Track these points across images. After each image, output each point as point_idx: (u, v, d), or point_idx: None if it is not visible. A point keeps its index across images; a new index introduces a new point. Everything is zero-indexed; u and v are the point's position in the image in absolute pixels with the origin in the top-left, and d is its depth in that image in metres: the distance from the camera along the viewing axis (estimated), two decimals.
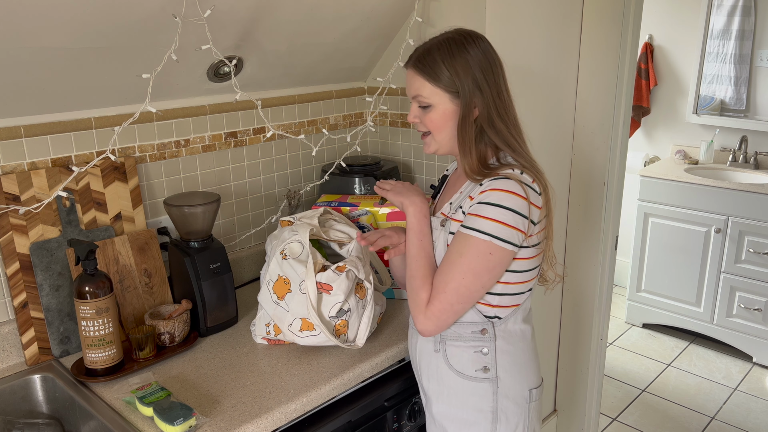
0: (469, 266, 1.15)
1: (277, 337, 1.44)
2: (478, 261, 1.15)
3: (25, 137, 1.38)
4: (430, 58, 1.19)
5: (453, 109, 1.20)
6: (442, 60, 1.18)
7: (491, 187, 1.15)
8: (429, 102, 1.21)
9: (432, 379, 1.30)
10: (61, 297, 1.43)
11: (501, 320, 1.24)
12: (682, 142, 3.76)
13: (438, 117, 1.21)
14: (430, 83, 1.19)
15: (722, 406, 2.93)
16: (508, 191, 1.14)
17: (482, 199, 1.15)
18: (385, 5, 1.75)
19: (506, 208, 1.13)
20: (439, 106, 1.20)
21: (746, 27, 3.44)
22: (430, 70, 1.18)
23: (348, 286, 1.36)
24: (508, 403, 1.25)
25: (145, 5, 1.26)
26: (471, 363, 1.24)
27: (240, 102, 1.73)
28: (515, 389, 1.26)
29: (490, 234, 1.13)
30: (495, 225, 1.13)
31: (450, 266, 1.17)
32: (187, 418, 1.14)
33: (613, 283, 2.27)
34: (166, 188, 1.66)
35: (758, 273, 3.17)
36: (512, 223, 1.13)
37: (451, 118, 1.21)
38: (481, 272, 1.16)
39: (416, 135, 1.99)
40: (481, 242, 1.14)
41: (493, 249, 1.14)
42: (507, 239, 1.14)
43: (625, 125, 2.07)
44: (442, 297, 1.18)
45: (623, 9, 1.95)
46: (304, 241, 1.40)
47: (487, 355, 1.24)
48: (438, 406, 1.30)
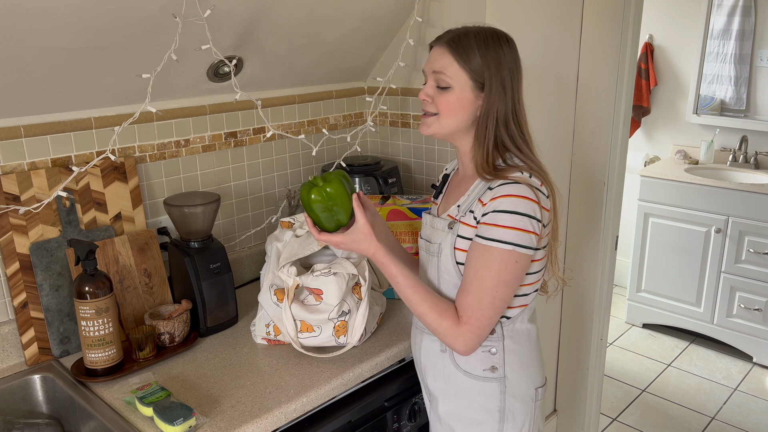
0: (500, 278, 1.14)
1: (277, 337, 1.44)
2: (506, 271, 1.14)
3: (25, 137, 1.38)
4: (465, 41, 1.16)
5: (470, 98, 1.18)
6: (477, 47, 1.16)
7: (503, 193, 1.14)
8: (450, 83, 1.17)
9: (438, 379, 1.30)
10: (61, 297, 1.43)
11: (509, 320, 1.24)
12: (682, 142, 3.76)
13: (454, 101, 1.18)
14: (459, 64, 1.16)
15: (722, 406, 2.93)
16: (521, 196, 1.13)
17: (496, 206, 1.14)
18: (385, 5, 1.74)
19: (522, 213, 1.13)
20: (459, 91, 1.17)
21: (746, 27, 3.44)
22: (463, 51, 1.16)
23: (339, 286, 1.36)
24: (515, 403, 1.26)
25: (145, 5, 1.26)
26: (479, 363, 1.24)
27: (240, 102, 1.73)
28: (522, 388, 1.26)
29: (512, 243, 1.13)
30: (515, 233, 1.13)
31: (480, 282, 1.15)
32: (187, 418, 1.14)
33: (613, 283, 2.27)
34: (166, 188, 1.66)
35: (758, 273, 3.17)
36: (529, 228, 1.13)
37: (465, 107, 1.19)
38: (510, 281, 1.16)
39: (416, 135, 1.99)
40: (506, 252, 1.13)
41: (517, 257, 1.14)
42: (527, 245, 1.14)
43: (625, 125, 2.07)
44: (480, 314, 1.16)
45: (623, 9, 1.95)
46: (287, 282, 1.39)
47: (495, 355, 1.23)
48: (445, 406, 1.30)
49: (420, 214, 1.65)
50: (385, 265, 1.21)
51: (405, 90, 1.96)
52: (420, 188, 2.04)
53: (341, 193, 1.22)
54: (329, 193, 1.21)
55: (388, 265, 1.21)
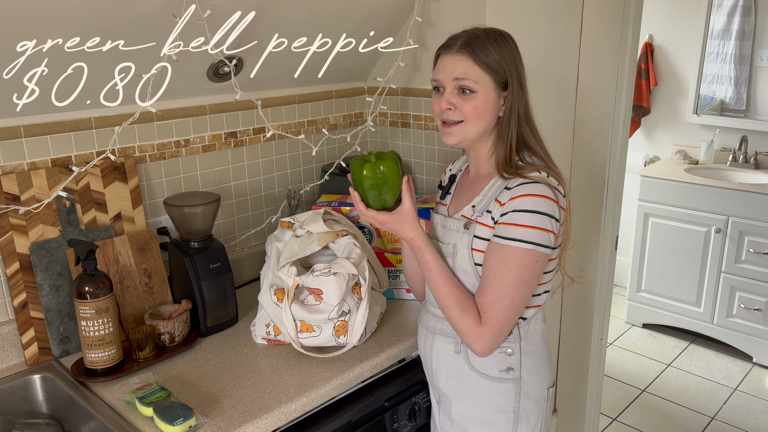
0: (520, 278, 1.14)
1: (277, 337, 1.44)
2: (526, 271, 1.14)
3: (25, 137, 1.38)
4: (480, 43, 1.15)
5: (495, 100, 1.17)
6: (492, 47, 1.15)
7: (524, 193, 1.13)
8: (475, 87, 1.15)
9: (452, 380, 1.28)
10: (61, 297, 1.43)
11: (525, 321, 1.23)
12: (682, 142, 3.76)
13: (481, 104, 1.16)
14: (481, 67, 1.14)
15: (722, 406, 2.93)
16: (542, 196, 1.13)
17: (516, 206, 1.13)
18: (385, 5, 1.74)
19: (542, 213, 1.12)
20: (484, 94, 1.16)
21: (746, 27, 3.44)
22: (482, 53, 1.14)
23: (339, 286, 1.36)
24: (528, 403, 1.25)
25: (145, 5, 1.26)
26: (496, 364, 1.23)
27: (240, 102, 1.73)
28: (536, 388, 1.26)
29: (532, 242, 1.12)
30: (535, 232, 1.12)
31: (500, 282, 1.14)
32: (187, 418, 1.14)
33: (613, 283, 2.27)
34: (166, 188, 1.66)
35: (758, 273, 3.17)
36: (549, 227, 1.13)
37: (490, 110, 1.18)
38: (530, 281, 1.15)
39: (416, 135, 1.99)
40: (526, 252, 1.13)
41: (537, 256, 1.13)
42: (547, 244, 1.14)
43: (625, 125, 2.07)
44: (500, 315, 1.15)
45: (623, 9, 1.95)
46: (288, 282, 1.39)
47: (512, 356, 1.23)
48: (459, 407, 1.29)
49: (420, 214, 1.65)
50: (422, 251, 1.20)
51: (405, 90, 1.96)
52: (420, 188, 2.04)
53: (394, 173, 1.19)
54: (382, 172, 1.18)
55: (425, 251, 1.20)
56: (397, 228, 1.21)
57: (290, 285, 1.36)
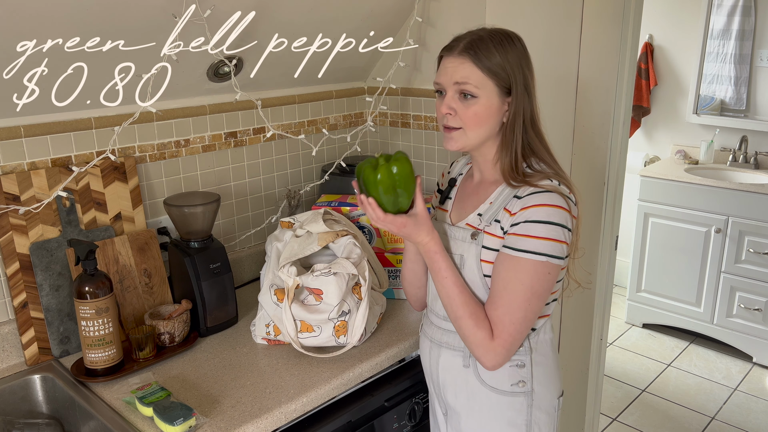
0: (533, 291, 1.10)
1: (277, 337, 1.44)
2: (539, 283, 1.10)
3: (25, 137, 1.38)
4: (483, 46, 1.10)
5: (497, 105, 1.12)
6: (495, 50, 1.10)
7: (536, 203, 1.09)
8: (476, 92, 1.10)
9: (460, 395, 1.24)
10: (61, 297, 1.43)
11: (535, 332, 1.20)
12: (682, 142, 3.76)
13: (483, 110, 1.11)
14: (483, 71, 1.10)
15: (722, 406, 2.93)
16: (554, 206, 1.09)
17: (528, 217, 1.09)
18: (385, 5, 1.74)
19: (555, 224, 1.09)
20: (486, 100, 1.11)
21: (746, 27, 3.44)
22: (484, 57, 1.09)
23: (339, 286, 1.36)
24: (540, 415, 1.22)
25: (145, 5, 1.26)
26: (507, 378, 1.19)
27: (240, 102, 1.73)
28: (547, 400, 1.23)
29: (545, 254, 1.08)
30: (549, 244, 1.08)
31: (512, 295, 1.10)
32: (187, 418, 1.14)
33: (613, 283, 2.27)
34: (166, 188, 1.66)
35: (758, 273, 3.17)
36: (562, 237, 1.10)
37: (492, 116, 1.13)
38: (542, 293, 1.12)
39: (416, 135, 1.99)
40: (539, 264, 1.09)
41: (550, 268, 1.10)
42: (560, 255, 1.10)
43: (625, 125, 2.07)
44: (512, 329, 1.11)
45: (623, 9, 1.95)
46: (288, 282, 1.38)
47: (523, 368, 1.19)
48: (469, 422, 1.25)
49: None
50: (437, 256, 1.15)
51: (405, 90, 1.96)
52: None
53: (408, 174, 1.12)
54: (398, 173, 1.11)
55: (440, 257, 1.15)
56: (413, 232, 1.15)
57: (290, 285, 1.36)
